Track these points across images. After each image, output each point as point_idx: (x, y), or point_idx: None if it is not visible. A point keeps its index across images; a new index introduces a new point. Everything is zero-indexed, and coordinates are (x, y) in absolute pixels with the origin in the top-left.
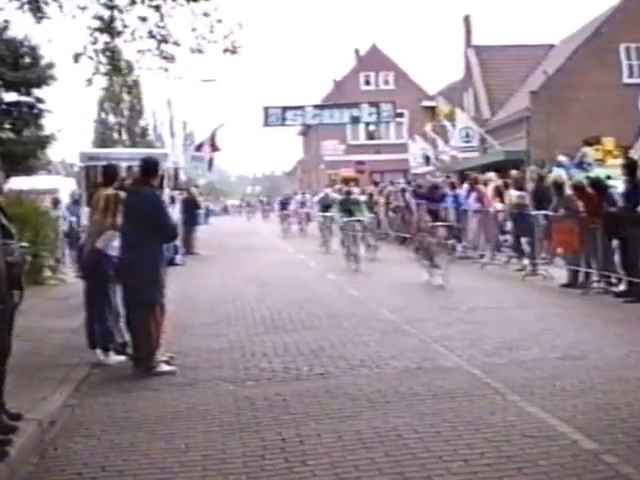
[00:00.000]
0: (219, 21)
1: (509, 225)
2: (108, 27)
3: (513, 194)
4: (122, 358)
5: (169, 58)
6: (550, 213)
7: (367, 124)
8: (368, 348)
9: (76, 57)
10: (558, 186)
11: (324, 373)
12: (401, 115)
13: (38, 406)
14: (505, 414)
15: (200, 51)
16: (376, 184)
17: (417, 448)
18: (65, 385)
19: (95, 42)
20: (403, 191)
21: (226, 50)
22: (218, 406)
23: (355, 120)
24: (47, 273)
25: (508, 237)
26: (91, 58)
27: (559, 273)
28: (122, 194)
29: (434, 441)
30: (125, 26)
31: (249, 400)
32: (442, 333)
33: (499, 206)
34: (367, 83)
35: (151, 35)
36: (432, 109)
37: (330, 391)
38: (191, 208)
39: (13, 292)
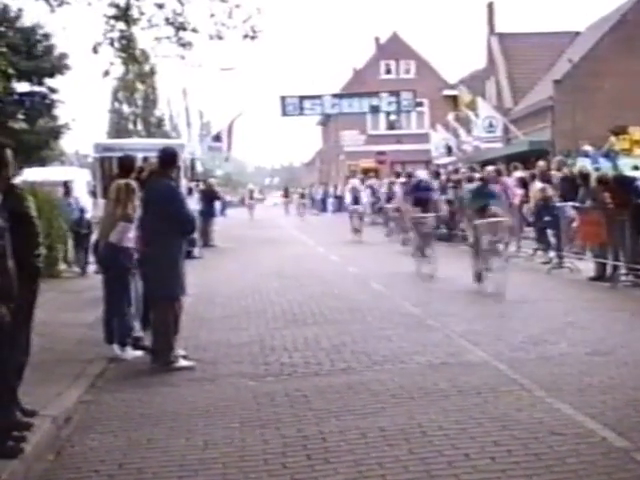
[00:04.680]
0: (237, 6)
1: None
2: (124, 15)
3: (537, 186)
4: (139, 353)
5: (187, 45)
6: (577, 204)
7: (387, 113)
8: (391, 343)
9: (95, 48)
10: (584, 177)
11: (346, 368)
12: (421, 104)
13: (53, 402)
14: (532, 411)
15: (220, 37)
16: (398, 175)
17: (443, 445)
18: (81, 380)
19: (111, 30)
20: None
21: (246, 36)
22: (238, 402)
23: (375, 109)
24: (61, 266)
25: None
26: (112, 44)
27: (586, 266)
28: (134, 184)
29: (460, 438)
30: (142, 13)
31: (269, 396)
32: (467, 327)
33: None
34: (387, 72)
35: (168, 22)
36: (454, 98)
37: (352, 387)
38: (209, 199)
39: (34, 287)
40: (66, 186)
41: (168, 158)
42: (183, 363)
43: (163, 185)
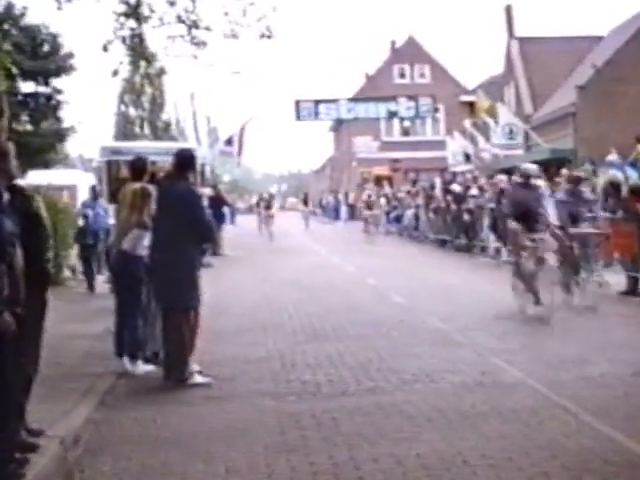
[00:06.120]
0: (252, 4)
1: None
2: (134, 12)
3: None
4: (151, 367)
5: (200, 44)
6: (607, 215)
7: (402, 119)
8: (420, 360)
9: (105, 46)
10: (615, 187)
11: (374, 388)
12: (437, 110)
13: (60, 421)
14: (581, 437)
15: (234, 36)
16: (414, 183)
17: (488, 476)
18: (89, 397)
19: (121, 28)
20: (447, 191)
21: (262, 35)
22: (260, 423)
23: (392, 115)
24: (66, 273)
25: None
26: (123, 42)
27: (616, 279)
28: (151, 188)
29: (506, 468)
30: (152, 11)
31: (294, 417)
32: (499, 344)
33: None
34: (402, 76)
35: (180, 20)
36: (470, 104)
37: (383, 408)
38: (218, 206)
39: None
40: (94, 191)
41: (186, 160)
42: (198, 379)
43: (183, 188)
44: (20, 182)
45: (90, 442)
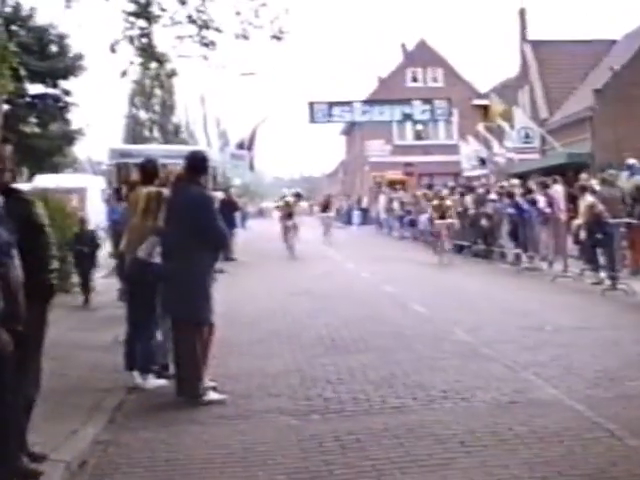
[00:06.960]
0: (263, 5)
1: (582, 234)
2: (144, 11)
3: (588, 201)
4: (162, 382)
5: (210, 45)
6: (633, 221)
7: (415, 122)
8: (447, 375)
9: (113, 47)
10: None
11: (401, 406)
12: (452, 114)
13: (66, 443)
14: (631, 465)
15: (245, 37)
16: (430, 187)
17: None
18: (97, 415)
19: (131, 28)
20: (462, 195)
21: (273, 36)
22: (280, 447)
23: (407, 117)
24: (74, 279)
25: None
26: (131, 42)
27: None
28: (166, 192)
29: None
30: (163, 10)
31: (316, 440)
32: (530, 358)
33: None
34: (414, 80)
35: (191, 20)
36: (484, 108)
37: (413, 430)
38: (229, 210)
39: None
40: (118, 193)
41: (198, 163)
42: (213, 396)
43: (195, 193)
44: (21, 186)
45: (97, 467)
